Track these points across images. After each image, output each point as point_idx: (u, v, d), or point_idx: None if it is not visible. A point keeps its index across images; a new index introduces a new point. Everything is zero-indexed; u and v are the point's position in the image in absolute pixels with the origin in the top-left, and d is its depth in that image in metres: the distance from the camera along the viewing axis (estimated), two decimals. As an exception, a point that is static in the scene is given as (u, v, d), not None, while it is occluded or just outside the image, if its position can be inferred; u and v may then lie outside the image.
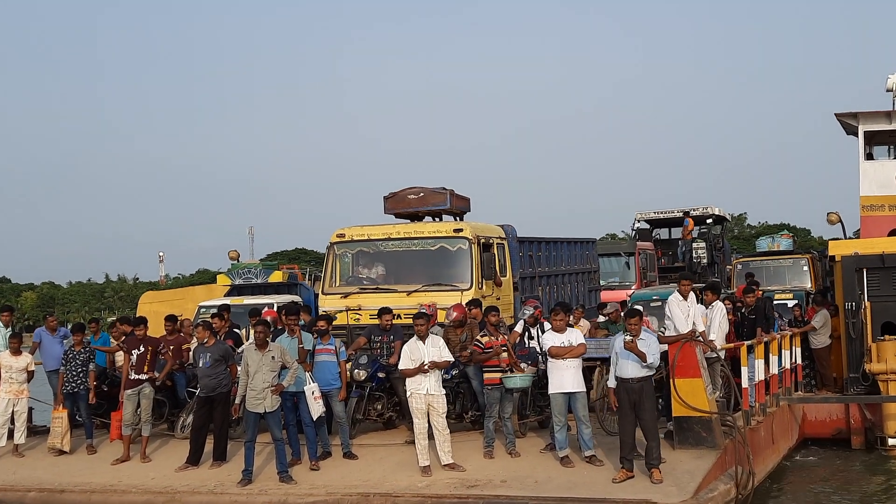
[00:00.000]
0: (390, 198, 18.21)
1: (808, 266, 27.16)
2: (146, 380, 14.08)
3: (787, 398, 17.15)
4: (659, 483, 11.31)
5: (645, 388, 11.73)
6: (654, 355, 11.76)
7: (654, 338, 12.04)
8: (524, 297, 18.27)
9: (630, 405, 11.73)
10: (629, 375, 11.73)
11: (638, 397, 11.67)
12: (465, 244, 16.60)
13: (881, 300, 18.13)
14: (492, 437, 13.10)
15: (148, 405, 14.12)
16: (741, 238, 64.31)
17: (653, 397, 11.91)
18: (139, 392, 14.05)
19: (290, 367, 12.71)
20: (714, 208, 34.53)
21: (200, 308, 19.54)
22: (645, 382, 11.74)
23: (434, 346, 12.55)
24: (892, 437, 17.39)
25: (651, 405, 11.80)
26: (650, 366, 11.70)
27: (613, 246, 28.21)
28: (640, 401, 11.67)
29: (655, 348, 11.82)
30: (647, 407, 11.70)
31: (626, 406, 11.78)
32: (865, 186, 24.19)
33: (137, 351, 14.13)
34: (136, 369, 14.07)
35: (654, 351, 11.78)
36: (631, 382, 11.71)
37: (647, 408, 11.69)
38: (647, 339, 11.79)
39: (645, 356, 11.58)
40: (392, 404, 14.99)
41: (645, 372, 11.72)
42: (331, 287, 17.34)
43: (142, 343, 14.22)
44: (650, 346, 11.73)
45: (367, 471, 12.77)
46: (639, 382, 11.69)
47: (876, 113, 24.13)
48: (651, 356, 11.66)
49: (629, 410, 11.74)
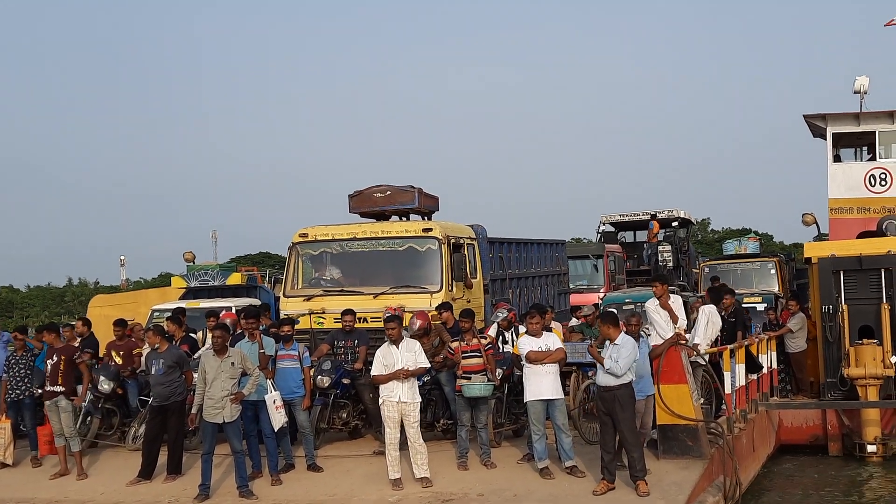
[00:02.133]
0: (355, 196, 17.44)
1: (775, 269, 27.00)
2: (61, 392, 13.07)
3: (765, 404, 16.66)
4: (645, 495, 10.65)
5: (619, 396, 10.95)
6: (623, 360, 10.84)
7: (630, 342, 11.17)
8: (494, 300, 17.61)
9: (607, 414, 11.05)
10: (601, 383, 11.06)
11: (611, 406, 10.96)
12: (434, 244, 15.89)
13: (858, 303, 17.67)
14: (466, 447, 12.39)
15: (69, 419, 13.12)
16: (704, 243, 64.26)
17: (631, 406, 11.14)
18: (56, 405, 13.11)
19: (251, 373, 11.92)
20: (680, 211, 34.26)
21: (154, 312, 18.72)
22: (619, 391, 10.95)
23: (409, 351, 11.72)
24: (870, 443, 16.95)
25: (629, 414, 11.04)
26: (612, 372, 10.85)
27: (582, 248, 27.69)
28: (613, 410, 10.94)
29: (627, 353, 10.92)
30: (625, 416, 10.96)
31: (603, 415, 11.12)
32: (834, 189, 23.94)
33: (51, 360, 13.14)
34: (51, 380, 13.10)
35: (623, 356, 10.88)
36: (603, 391, 11.04)
37: (624, 417, 10.95)
38: (620, 343, 11.02)
39: (602, 360, 10.89)
40: (358, 412, 14.28)
41: (615, 380, 10.92)
42: (293, 289, 16.54)
43: (55, 352, 13.20)
44: (619, 350, 10.93)
45: (333, 484, 12.00)
46: (610, 391, 10.95)
47: (844, 115, 23.88)
48: (614, 361, 10.82)
49: (607, 419, 11.07)
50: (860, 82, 24.57)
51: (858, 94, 24.61)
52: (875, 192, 23.72)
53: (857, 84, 24.63)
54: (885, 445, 16.95)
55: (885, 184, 23.61)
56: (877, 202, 23.52)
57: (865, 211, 23.70)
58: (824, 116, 23.75)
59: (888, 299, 17.40)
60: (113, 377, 14.41)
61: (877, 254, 17.77)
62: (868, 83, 24.58)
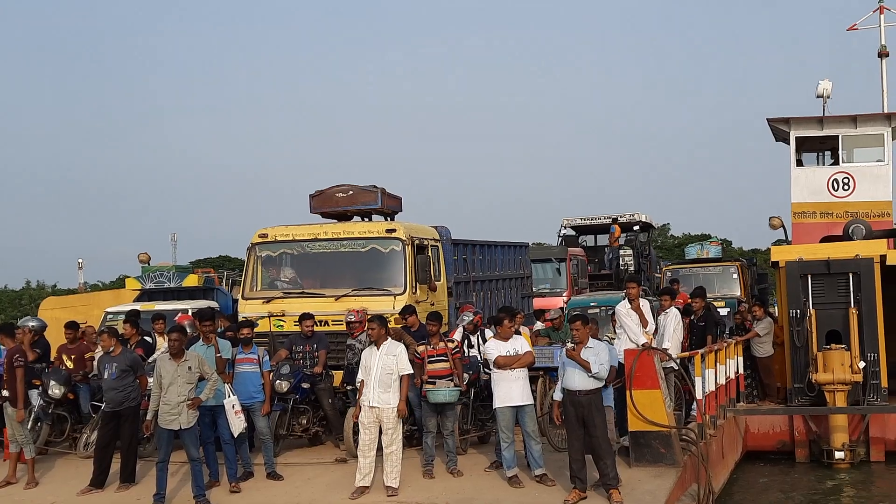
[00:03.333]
0: (317, 196, 16.97)
1: (737, 273, 27.00)
2: (6, 398, 12.52)
3: (733, 410, 16.45)
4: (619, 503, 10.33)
5: (594, 401, 10.61)
6: (603, 365, 10.61)
7: (603, 346, 10.93)
8: (458, 303, 17.25)
9: (578, 420, 10.65)
10: (576, 387, 10.64)
11: (586, 411, 10.57)
12: (398, 245, 15.48)
13: (826, 307, 17.50)
14: (432, 454, 11.99)
15: (18, 426, 12.54)
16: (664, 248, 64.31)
17: (603, 411, 10.82)
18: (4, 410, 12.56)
19: (209, 378, 11.43)
20: (641, 215, 34.21)
21: (107, 314, 18.12)
22: (594, 395, 10.62)
23: (390, 355, 11.25)
24: (838, 449, 16.80)
25: (602, 419, 10.68)
26: (597, 376, 10.58)
27: (544, 251, 27.41)
28: (588, 415, 10.56)
29: (605, 357, 10.66)
30: (598, 422, 10.58)
31: (573, 421, 10.70)
32: (797, 193, 23.82)
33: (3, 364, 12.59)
34: (5, 384, 12.55)
35: (604, 360, 10.62)
36: (578, 395, 10.63)
37: (597, 423, 10.57)
38: (596, 347, 10.72)
39: (589, 365, 10.51)
40: (318, 418, 13.83)
41: (593, 384, 10.62)
42: (252, 292, 16.05)
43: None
44: (598, 354, 10.62)
45: (294, 493, 11.54)
46: (586, 395, 10.59)
47: (808, 119, 23.77)
48: (597, 365, 10.56)
49: (577, 425, 10.67)
50: (823, 86, 24.53)
51: (821, 97, 24.58)
52: (838, 196, 23.63)
53: (820, 88, 24.59)
54: (852, 452, 16.81)
55: (848, 188, 23.53)
56: (839, 206, 23.43)
57: (828, 215, 23.60)
58: (788, 120, 23.63)
59: (856, 304, 17.25)
60: (64, 381, 13.86)
61: (845, 258, 17.61)
62: (831, 87, 24.57)
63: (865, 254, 17.62)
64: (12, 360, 12.53)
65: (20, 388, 12.46)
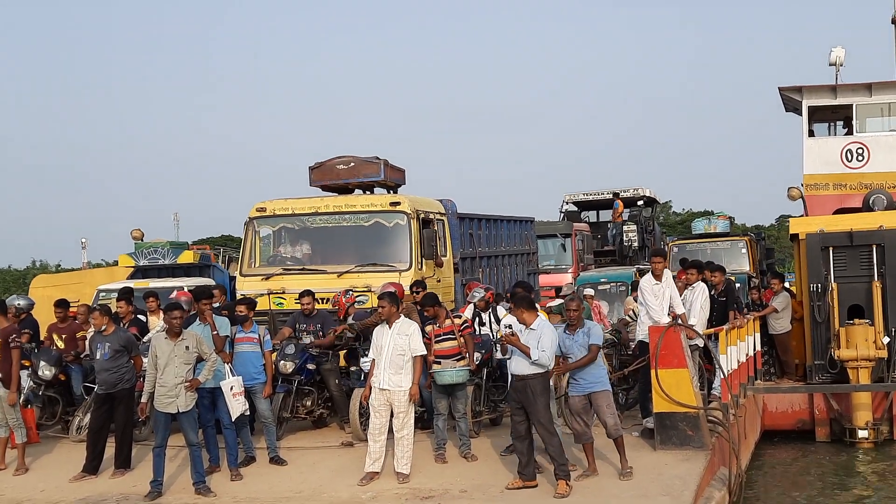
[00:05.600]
0: (317, 168, 16.27)
1: (746, 248, 26.31)
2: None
3: (752, 388, 15.81)
4: (563, 496, 9.59)
5: (532, 386, 9.85)
6: (545, 351, 9.80)
7: (549, 328, 10.12)
8: (465, 279, 16.59)
9: (520, 406, 9.98)
10: (515, 372, 10.00)
11: (524, 397, 9.90)
12: (402, 219, 14.79)
13: (849, 281, 16.85)
14: (444, 438, 11.32)
15: (11, 410, 11.88)
16: (667, 225, 63.63)
17: (545, 394, 10.02)
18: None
19: (207, 359, 10.75)
20: (645, 190, 33.52)
21: (99, 292, 17.41)
22: (532, 381, 9.86)
23: (402, 334, 10.49)
24: (861, 428, 16.16)
25: (543, 403, 9.92)
26: (539, 363, 9.81)
27: (548, 227, 26.63)
28: (526, 401, 9.88)
29: (547, 343, 9.85)
30: (538, 407, 9.87)
31: (515, 407, 10.08)
32: (809, 164, 23.05)
33: None
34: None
35: (546, 346, 9.82)
36: (517, 380, 9.98)
37: (537, 408, 9.87)
38: (539, 330, 9.94)
39: (528, 351, 9.77)
40: (323, 400, 13.16)
41: (533, 369, 9.86)
42: (250, 268, 15.36)
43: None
44: (540, 339, 9.85)
45: (300, 479, 10.88)
46: (524, 381, 9.89)
47: (821, 87, 23.01)
48: (538, 352, 9.76)
49: (520, 412, 9.99)
50: (836, 54, 23.70)
51: (834, 66, 23.82)
52: (852, 167, 22.87)
53: (833, 56, 23.76)
54: (876, 430, 16.18)
55: (863, 159, 22.77)
56: (854, 178, 22.69)
57: (842, 187, 22.88)
58: (800, 89, 22.87)
59: (880, 277, 16.61)
60: (54, 362, 13.20)
61: (868, 229, 16.96)
62: (844, 55, 23.80)
63: (889, 225, 16.96)
64: (7, 339, 11.84)
65: (15, 370, 11.82)
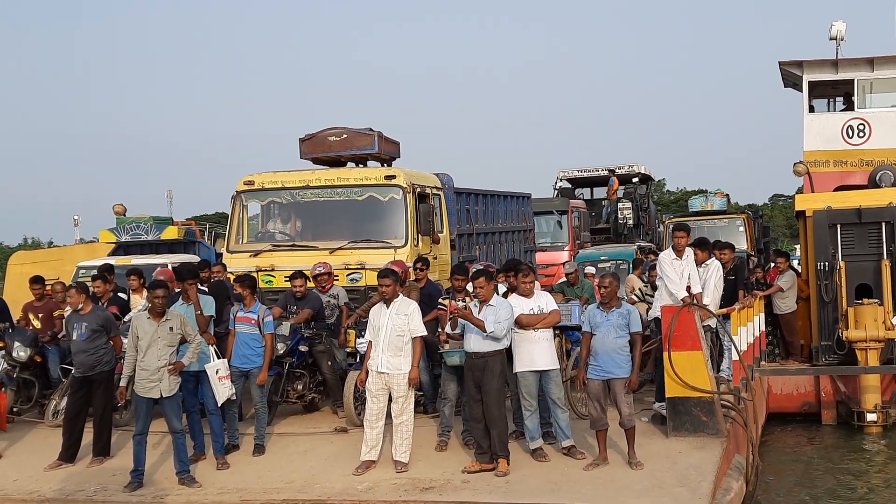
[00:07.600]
0: (307, 140, 15.49)
1: (743, 226, 25.76)
2: None
3: (758, 370, 15.25)
4: (503, 475, 9.41)
5: (492, 364, 9.58)
6: (500, 323, 9.51)
7: (506, 305, 9.80)
8: (461, 257, 15.93)
9: (475, 384, 9.67)
10: (471, 349, 9.67)
11: (479, 375, 9.59)
12: (398, 193, 14.09)
13: (857, 259, 16.28)
14: (449, 424, 10.73)
15: None
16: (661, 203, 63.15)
17: (501, 376, 9.70)
18: None
19: (191, 340, 10.10)
20: (640, 166, 32.96)
21: (79, 269, 16.68)
22: (490, 358, 9.58)
23: (401, 314, 9.90)
24: (870, 411, 15.60)
25: (497, 384, 9.62)
26: (492, 336, 9.51)
27: (545, 203, 25.97)
28: (482, 379, 9.58)
29: (504, 315, 9.58)
30: (492, 387, 9.57)
31: (471, 386, 9.76)
32: (810, 141, 22.53)
33: None
34: None
35: (502, 318, 9.54)
36: (473, 358, 9.67)
37: (490, 388, 9.56)
38: (497, 306, 9.66)
39: (483, 325, 9.47)
40: (315, 384, 12.54)
41: (489, 346, 9.57)
42: (237, 244, 14.64)
43: None
44: (497, 313, 9.55)
45: (290, 468, 10.26)
46: (482, 358, 9.58)
47: (822, 61, 22.43)
48: (493, 324, 9.48)
49: (475, 391, 9.69)
50: (837, 28, 23.12)
51: (835, 40, 23.21)
52: (853, 143, 22.36)
53: (834, 30, 23.18)
54: (885, 413, 15.64)
55: (864, 135, 22.25)
56: (854, 154, 22.19)
57: (843, 164, 22.37)
58: (800, 63, 22.30)
59: (889, 255, 16.05)
60: (30, 343, 12.58)
61: (877, 206, 16.38)
62: (845, 29, 23.19)
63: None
64: None
65: None
